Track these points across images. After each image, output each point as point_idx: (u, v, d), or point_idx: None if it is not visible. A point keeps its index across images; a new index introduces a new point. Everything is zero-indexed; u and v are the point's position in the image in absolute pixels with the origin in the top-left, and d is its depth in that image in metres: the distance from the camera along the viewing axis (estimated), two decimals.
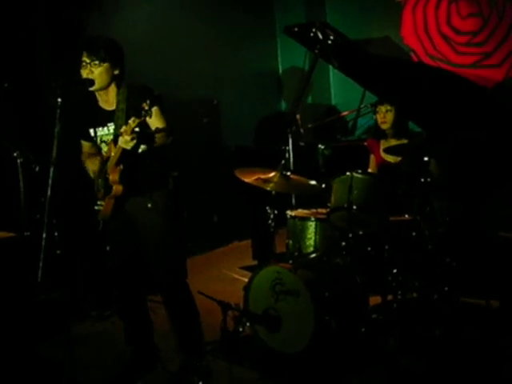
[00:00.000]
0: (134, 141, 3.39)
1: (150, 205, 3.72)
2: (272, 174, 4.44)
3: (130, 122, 3.36)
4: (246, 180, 4.43)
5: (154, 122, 3.54)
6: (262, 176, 4.44)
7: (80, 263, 5.26)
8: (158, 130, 3.50)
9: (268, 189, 4.46)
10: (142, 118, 3.33)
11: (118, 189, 3.60)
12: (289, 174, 4.48)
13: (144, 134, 3.48)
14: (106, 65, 3.57)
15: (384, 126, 4.96)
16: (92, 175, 3.83)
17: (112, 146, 3.60)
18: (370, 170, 5.10)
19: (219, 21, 7.67)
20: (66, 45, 5.34)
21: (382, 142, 5.03)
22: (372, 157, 5.18)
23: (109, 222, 3.80)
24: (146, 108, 3.29)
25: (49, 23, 5.68)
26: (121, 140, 3.43)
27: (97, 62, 3.55)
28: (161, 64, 6.74)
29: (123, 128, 3.41)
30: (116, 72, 3.64)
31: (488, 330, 4.21)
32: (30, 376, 3.98)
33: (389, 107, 4.90)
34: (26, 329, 4.30)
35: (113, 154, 3.57)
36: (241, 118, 7.82)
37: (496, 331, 4.18)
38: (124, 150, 3.47)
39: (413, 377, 3.72)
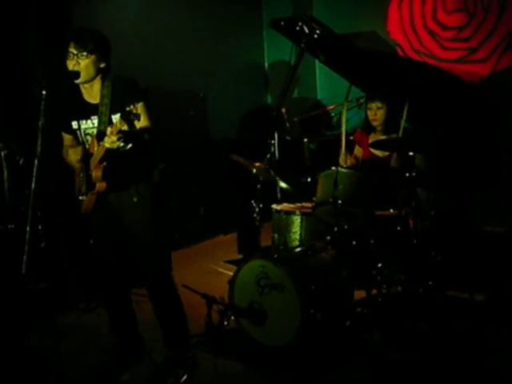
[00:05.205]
0: (121, 140, 3.39)
1: (135, 199, 3.71)
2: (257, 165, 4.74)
3: (117, 123, 3.35)
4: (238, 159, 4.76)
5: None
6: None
7: (66, 255, 5.24)
8: (143, 130, 3.51)
9: (254, 171, 4.73)
10: (130, 121, 3.34)
11: (101, 186, 3.59)
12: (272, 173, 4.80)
13: (130, 134, 3.47)
14: (92, 57, 3.55)
15: (375, 123, 4.98)
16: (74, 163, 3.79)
17: (95, 142, 3.58)
18: (350, 159, 5.07)
19: (207, 14, 7.65)
20: (54, 36, 5.30)
21: (371, 135, 5.04)
22: (357, 148, 5.18)
23: (92, 215, 3.79)
24: (135, 111, 3.28)
25: (36, 14, 5.63)
26: (106, 140, 3.40)
27: (84, 54, 3.52)
28: (147, 56, 6.72)
29: (109, 129, 3.39)
30: (102, 65, 3.62)
31: (473, 322, 4.24)
32: (17, 367, 3.96)
33: (379, 104, 4.90)
34: (12, 320, 4.29)
35: (95, 149, 3.56)
36: (227, 110, 7.80)
37: (481, 324, 4.21)
38: (108, 149, 3.47)
39: (398, 369, 3.74)
